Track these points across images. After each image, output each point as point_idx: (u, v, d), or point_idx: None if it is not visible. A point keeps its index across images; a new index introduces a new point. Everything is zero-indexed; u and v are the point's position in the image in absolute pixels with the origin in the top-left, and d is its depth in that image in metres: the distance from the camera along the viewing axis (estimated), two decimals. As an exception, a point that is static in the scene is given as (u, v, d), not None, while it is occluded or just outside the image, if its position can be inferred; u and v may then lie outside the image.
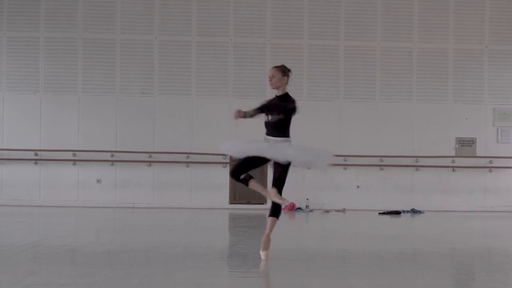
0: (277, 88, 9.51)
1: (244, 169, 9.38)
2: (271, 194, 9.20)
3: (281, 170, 9.25)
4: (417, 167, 21.12)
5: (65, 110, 20.69)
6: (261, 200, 20.44)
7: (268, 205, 9.83)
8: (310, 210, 20.26)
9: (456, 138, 21.27)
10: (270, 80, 9.39)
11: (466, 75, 21.40)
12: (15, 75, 20.64)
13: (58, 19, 20.79)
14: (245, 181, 9.46)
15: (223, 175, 20.81)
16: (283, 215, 18.32)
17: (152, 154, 20.69)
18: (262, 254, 9.26)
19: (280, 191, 9.21)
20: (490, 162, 21.25)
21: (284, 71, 9.47)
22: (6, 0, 20.66)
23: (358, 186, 20.95)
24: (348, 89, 21.11)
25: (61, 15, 20.80)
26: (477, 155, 21.30)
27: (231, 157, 9.51)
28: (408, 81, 21.30)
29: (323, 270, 8.58)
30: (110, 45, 20.85)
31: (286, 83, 9.53)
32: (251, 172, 9.44)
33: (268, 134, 9.40)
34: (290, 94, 9.53)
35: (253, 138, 9.91)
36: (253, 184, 9.45)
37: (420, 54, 21.35)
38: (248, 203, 20.76)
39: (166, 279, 7.61)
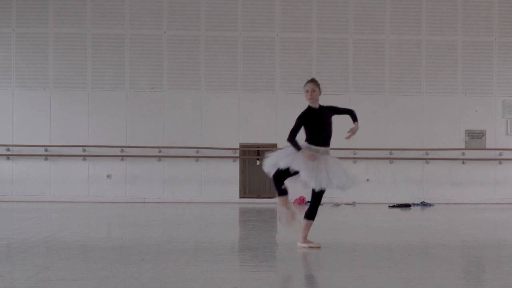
0: (315, 101, 9.90)
1: (287, 175, 9.74)
2: (287, 217, 9.85)
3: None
4: (427, 159, 21.10)
5: (74, 105, 20.75)
6: (271, 194, 20.46)
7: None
8: (320, 204, 20.21)
9: (465, 130, 21.25)
10: (311, 95, 9.80)
11: (475, 68, 21.37)
12: (25, 71, 20.70)
13: (67, 15, 20.83)
14: (280, 191, 9.79)
15: (233, 169, 20.85)
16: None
17: (162, 149, 20.73)
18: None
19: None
20: (500, 154, 21.22)
21: (319, 85, 9.98)
22: (15, -3, 20.74)
23: (368, 180, 20.94)
24: (357, 82, 21.11)
25: (70, 11, 20.84)
26: (486, 147, 21.27)
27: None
28: (417, 73, 21.28)
29: (333, 263, 8.60)
30: (119, 40, 20.88)
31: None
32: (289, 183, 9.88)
33: (318, 145, 9.78)
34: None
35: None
36: (282, 204, 9.84)
37: (429, 47, 21.32)
38: (258, 197, 20.79)
39: (177, 274, 7.64)
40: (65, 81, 20.76)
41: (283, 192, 9.80)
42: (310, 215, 9.98)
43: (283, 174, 9.65)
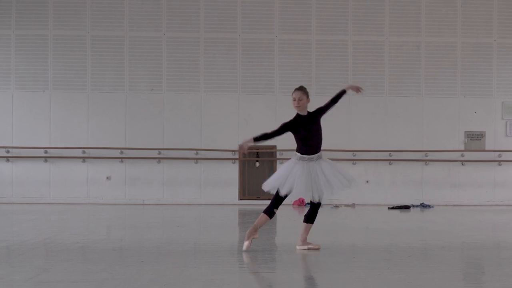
0: (303, 109, 9.91)
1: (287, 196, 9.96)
2: (248, 233, 9.93)
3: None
4: (426, 161, 21.10)
5: (74, 107, 20.75)
6: (271, 196, 20.41)
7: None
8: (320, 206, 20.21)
9: (465, 132, 21.25)
10: (298, 103, 9.82)
11: (475, 69, 21.37)
12: (24, 73, 20.70)
13: (66, 17, 20.84)
14: (270, 212, 9.97)
15: (233, 170, 20.85)
16: (292, 211, 18.38)
17: (161, 151, 20.73)
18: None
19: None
20: (499, 156, 21.23)
21: (307, 93, 10.00)
22: (14, -1, 20.75)
23: (367, 181, 20.94)
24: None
25: (70, 13, 20.85)
26: (486, 149, 21.28)
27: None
28: (417, 75, 21.28)
29: (332, 264, 8.60)
30: (118, 42, 20.89)
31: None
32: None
33: (311, 153, 9.83)
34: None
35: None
36: (261, 218, 9.97)
37: (429, 48, 21.32)
38: (257, 198, 20.78)
39: (177, 276, 7.65)
40: (64, 83, 20.77)
41: (270, 214, 9.91)
42: (310, 218, 10.01)
43: (284, 197, 9.81)
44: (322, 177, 9.66)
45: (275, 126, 10.11)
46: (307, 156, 9.73)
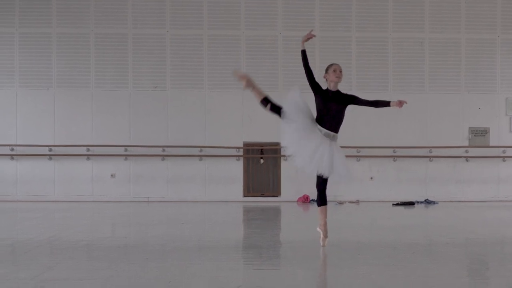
0: (336, 85, 10.05)
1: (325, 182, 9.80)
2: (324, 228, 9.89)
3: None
4: (430, 157, 21.09)
5: (78, 105, 20.76)
6: (275, 193, 20.47)
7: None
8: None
9: (469, 128, 21.23)
10: (340, 74, 9.70)
11: (479, 65, 21.34)
12: (28, 71, 20.72)
13: (70, 15, 20.84)
14: (324, 201, 9.85)
15: (237, 167, 20.85)
16: (296, 208, 18.38)
17: (165, 148, 20.74)
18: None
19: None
20: (504, 152, 21.21)
21: None
22: (18, -3, 20.76)
23: (371, 178, 20.94)
24: (360, 80, 21.09)
25: (73, 11, 20.85)
26: (490, 145, 21.26)
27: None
28: (421, 71, 21.26)
29: (337, 261, 8.61)
30: (122, 39, 20.89)
31: None
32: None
33: (324, 127, 9.80)
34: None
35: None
36: (322, 210, 9.86)
37: (432, 45, 21.30)
38: (262, 195, 20.79)
39: (182, 273, 7.66)
40: (68, 80, 20.78)
41: (324, 201, 9.86)
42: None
43: (323, 181, 9.66)
44: (328, 156, 9.53)
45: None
46: (321, 128, 9.65)
